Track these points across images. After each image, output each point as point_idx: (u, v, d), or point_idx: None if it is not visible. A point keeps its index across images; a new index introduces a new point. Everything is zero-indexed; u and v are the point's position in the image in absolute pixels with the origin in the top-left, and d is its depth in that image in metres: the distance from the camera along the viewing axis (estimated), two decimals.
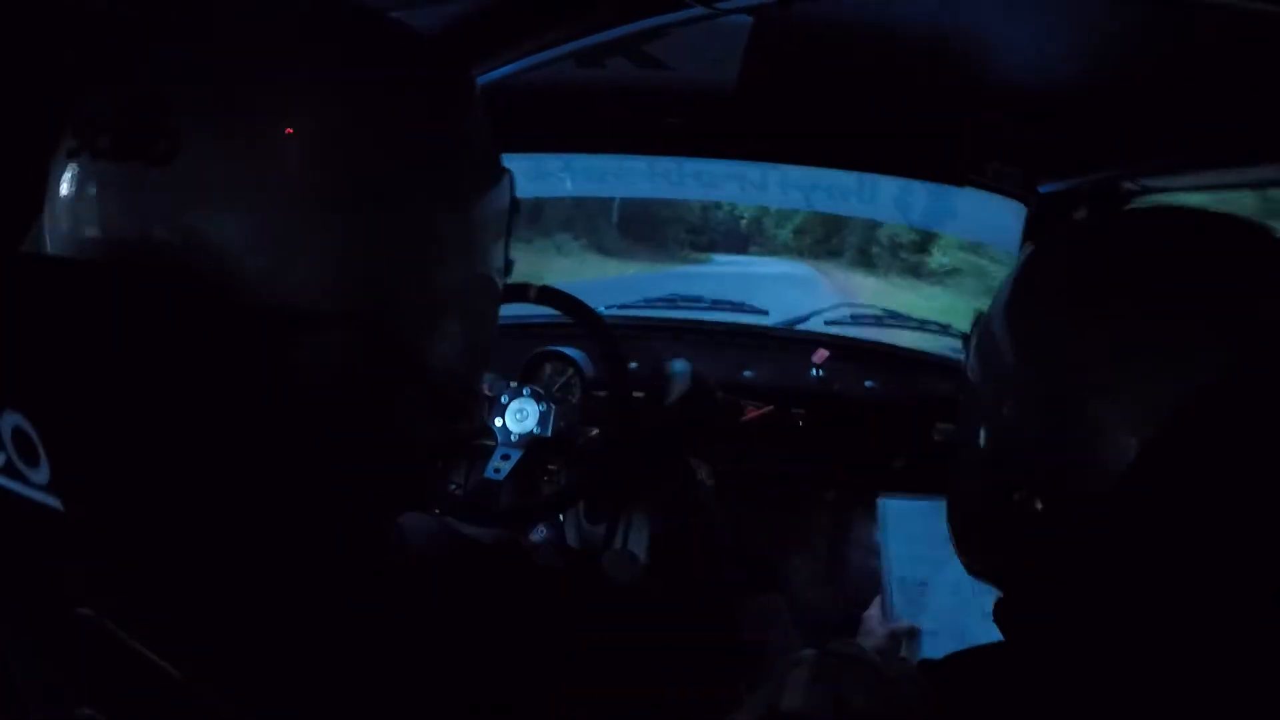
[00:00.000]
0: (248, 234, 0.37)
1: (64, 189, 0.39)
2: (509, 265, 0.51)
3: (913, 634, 0.95)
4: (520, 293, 1.08)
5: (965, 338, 0.59)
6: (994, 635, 0.94)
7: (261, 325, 0.38)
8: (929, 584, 0.99)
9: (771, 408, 1.51)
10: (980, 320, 0.56)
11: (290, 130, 0.38)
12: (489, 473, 1.00)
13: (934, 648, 0.95)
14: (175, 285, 0.37)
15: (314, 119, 0.39)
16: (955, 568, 0.98)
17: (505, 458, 1.01)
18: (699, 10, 0.71)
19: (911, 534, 1.03)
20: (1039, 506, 0.48)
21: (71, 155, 0.38)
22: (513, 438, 1.03)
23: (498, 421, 1.03)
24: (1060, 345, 0.48)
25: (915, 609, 0.98)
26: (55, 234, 0.40)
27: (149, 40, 0.40)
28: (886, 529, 1.04)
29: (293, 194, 0.38)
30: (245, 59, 0.39)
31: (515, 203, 0.50)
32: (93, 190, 0.38)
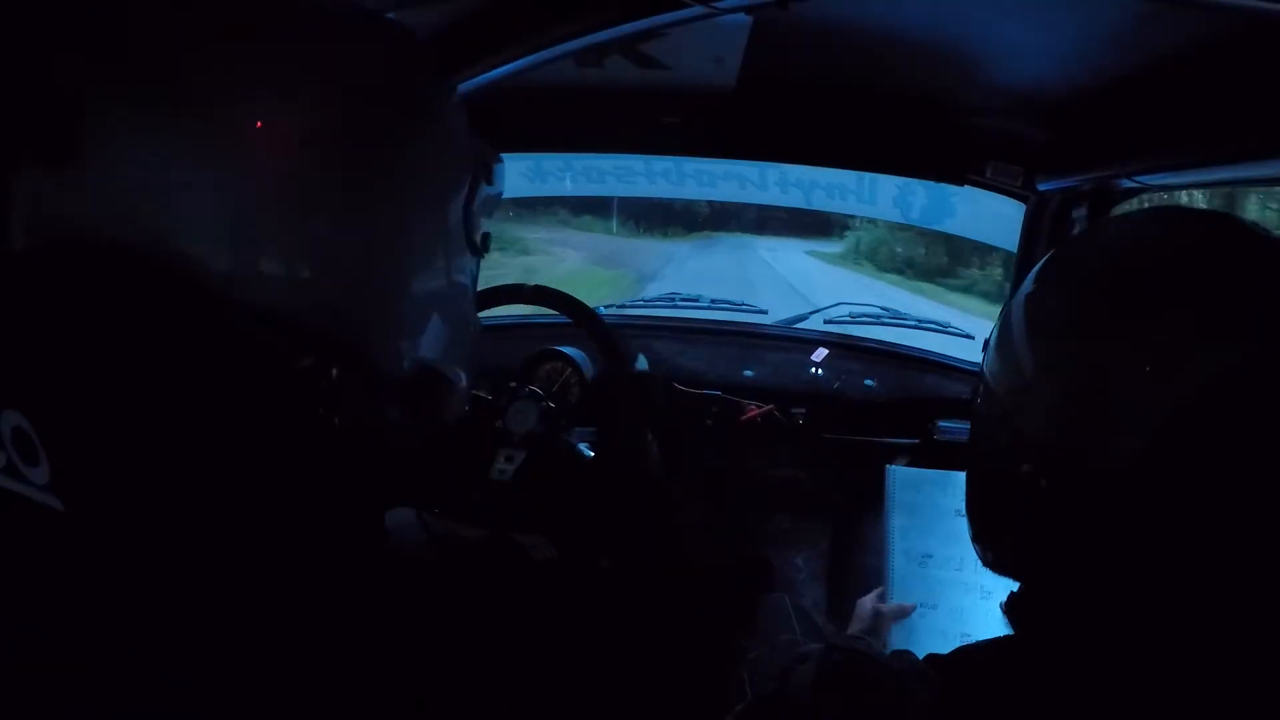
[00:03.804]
0: (205, 232, 0.37)
1: (19, 192, 0.39)
2: (485, 239, 0.50)
3: (904, 612, 0.94)
4: (514, 293, 1.08)
5: (987, 341, 0.60)
6: (991, 614, 0.93)
7: (235, 321, 0.38)
8: (933, 557, 0.98)
9: (771, 407, 1.51)
10: (1002, 314, 0.57)
11: (228, 128, 0.38)
12: (495, 475, 1.00)
13: (931, 622, 0.95)
14: (151, 283, 0.37)
15: (248, 118, 0.38)
16: (959, 544, 0.98)
17: (509, 459, 1.00)
18: (699, 10, 0.71)
19: (917, 504, 1.02)
20: (1046, 486, 0.48)
21: (17, 159, 0.39)
22: (514, 439, 1.03)
23: (498, 424, 1.03)
24: (1079, 337, 0.49)
25: (915, 582, 0.97)
26: (31, 235, 0.40)
27: (80, 36, 0.39)
28: (893, 498, 1.03)
29: (239, 193, 0.38)
30: (182, 53, 0.38)
31: (482, 183, 0.49)
32: (40, 193, 0.38)
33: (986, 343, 0.59)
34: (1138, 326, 0.46)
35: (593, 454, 1.01)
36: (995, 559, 0.58)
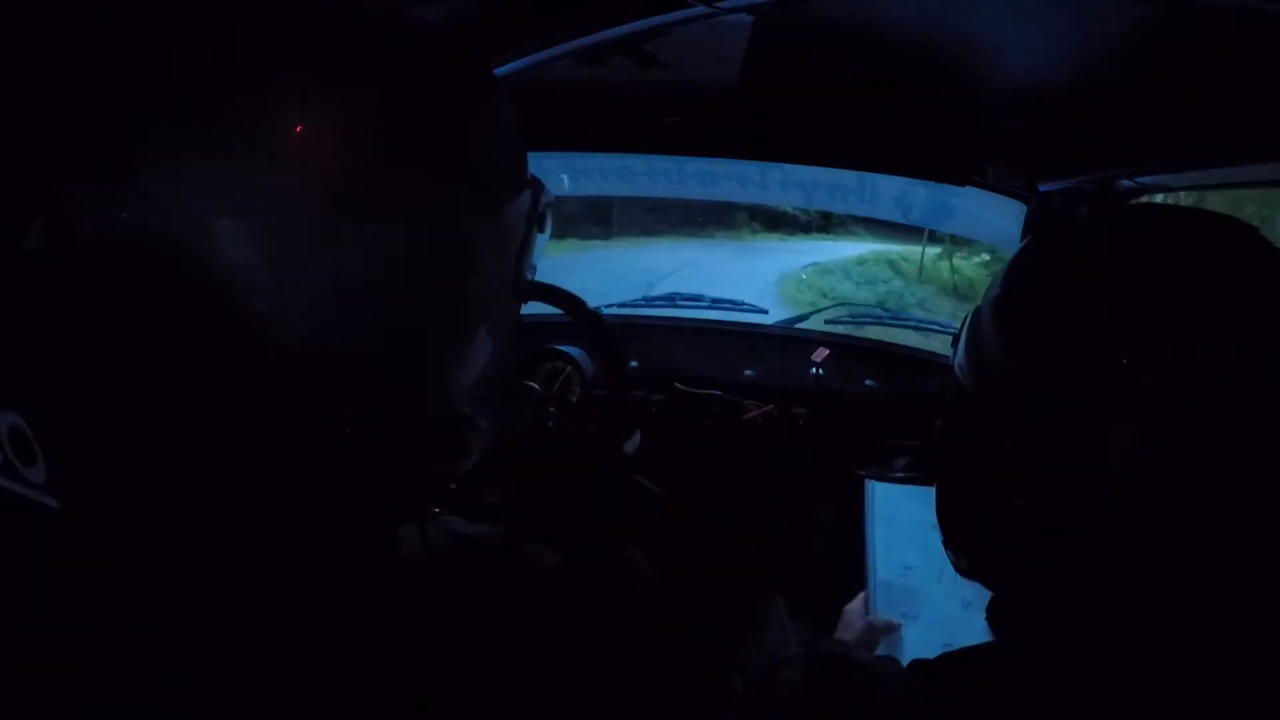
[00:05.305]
0: (219, 251, 0.37)
1: (55, 199, 0.40)
2: (532, 272, 0.48)
3: (891, 629, 0.94)
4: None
5: (955, 336, 0.58)
6: (975, 624, 0.93)
7: (241, 336, 0.38)
8: (914, 569, 0.98)
9: (772, 407, 1.51)
10: (971, 317, 0.55)
11: (252, 153, 0.37)
12: None
13: (916, 634, 0.94)
14: (163, 291, 0.37)
15: (276, 142, 0.38)
16: (937, 556, 0.97)
17: None
18: (699, 10, 0.71)
19: (898, 518, 1.03)
20: (1022, 506, 0.47)
21: (59, 168, 0.39)
22: None
23: None
24: (1051, 346, 0.47)
25: (897, 594, 0.97)
26: (54, 239, 0.40)
27: (118, 52, 0.40)
28: (873, 512, 1.03)
29: (262, 211, 0.38)
30: (212, 72, 0.38)
31: (541, 218, 0.47)
32: (76, 203, 0.38)
33: (956, 339, 0.57)
34: (1124, 328, 0.44)
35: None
36: (967, 565, 0.58)
